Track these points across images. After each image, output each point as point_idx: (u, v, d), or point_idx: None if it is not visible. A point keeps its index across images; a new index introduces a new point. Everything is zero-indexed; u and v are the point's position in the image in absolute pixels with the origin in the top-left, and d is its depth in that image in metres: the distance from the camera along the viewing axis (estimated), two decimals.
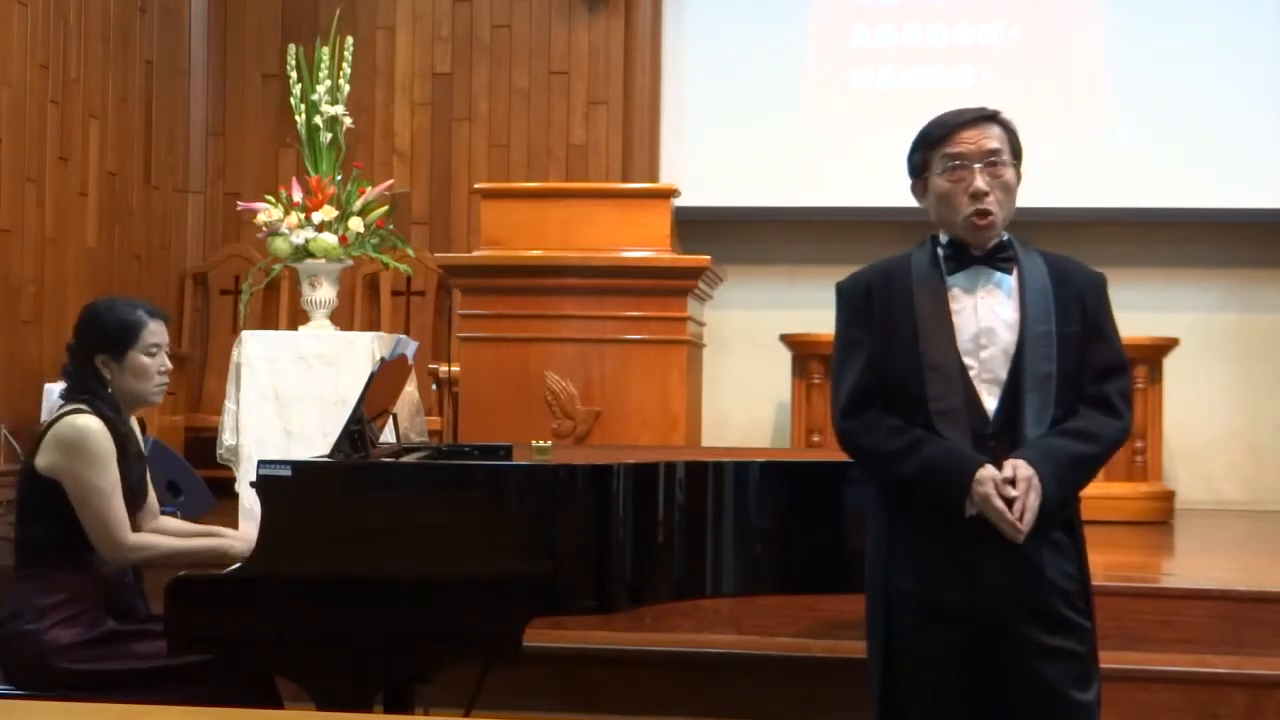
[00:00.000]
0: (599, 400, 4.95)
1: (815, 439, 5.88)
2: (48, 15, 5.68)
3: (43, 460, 3.12)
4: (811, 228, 6.91)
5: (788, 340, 6.15)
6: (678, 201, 5.24)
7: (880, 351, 2.71)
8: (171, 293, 6.76)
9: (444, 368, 5.79)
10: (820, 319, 6.21)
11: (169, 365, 3.27)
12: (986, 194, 2.66)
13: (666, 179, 6.65)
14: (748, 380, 6.76)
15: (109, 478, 3.11)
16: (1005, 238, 2.73)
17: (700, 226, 6.25)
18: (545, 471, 3.07)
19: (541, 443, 3.32)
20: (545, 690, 3.95)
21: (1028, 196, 2.87)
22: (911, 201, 2.84)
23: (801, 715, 3.94)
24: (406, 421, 4.33)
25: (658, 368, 4.93)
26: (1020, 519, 2.54)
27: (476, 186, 5.64)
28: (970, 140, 2.69)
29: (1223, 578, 4.32)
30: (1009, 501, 2.55)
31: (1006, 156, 2.71)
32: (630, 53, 6.83)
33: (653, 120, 6.87)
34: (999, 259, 2.71)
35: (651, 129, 6.86)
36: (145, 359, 3.20)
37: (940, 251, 2.74)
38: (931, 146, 2.73)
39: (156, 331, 3.22)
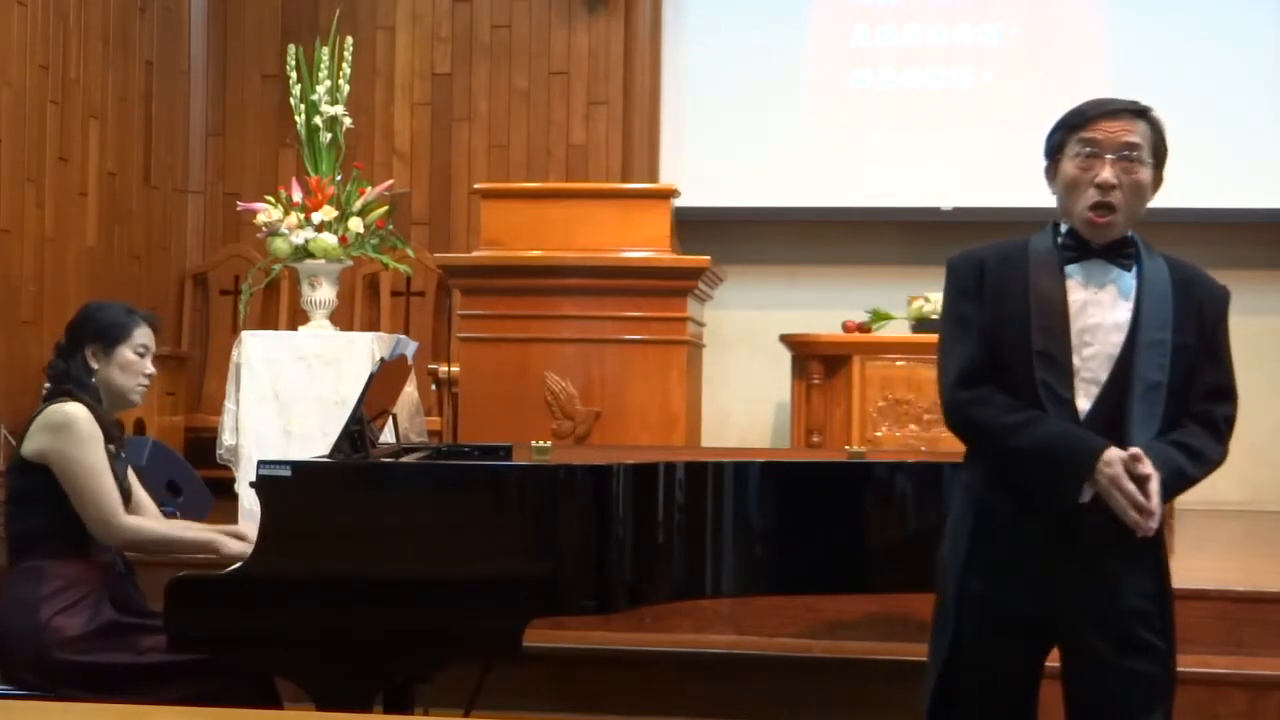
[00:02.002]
0: (599, 400, 4.95)
1: (815, 439, 5.88)
2: (48, 15, 5.68)
3: (29, 446, 3.17)
4: (811, 228, 6.91)
5: (787, 340, 6.14)
6: (678, 201, 5.24)
7: (990, 330, 2.60)
8: (171, 293, 6.76)
9: (444, 368, 5.79)
10: (820, 319, 6.31)
11: (153, 370, 3.37)
12: (1114, 187, 2.55)
13: (666, 179, 6.65)
14: (748, 380, 6.77)
15: (96, 458, 3.15)
16: (1130, 235, 2.62)
17: (700, 226, 6.25)
18: (545, 471, 3.07)
19: (541, 443, 3.32)
20: (545, 690, 3.96)
21: (1027, 197, 2.83)
22: (909, 202, 2.83)
23: (801, 715, 3.94)
24: (406, 422, 4.33)
25: (657, 368, 4.93)
26: (1153, 510, 2.43)
27: (476, 187, 5.64)
28: (1109, 130, 2.58)
29: (1221, 578, 4.32)
30: (1141, 483, 2.44)
31: (1145, 155, 2.59)
32: (630, 53, 6.83)
33: (653, 120, 6.87)
34: (1120, 255, 2.60)
35: (651, 129, 6.86)
36: (133, 356, 3.30)
37: (1059, 240, 2.62)
38: (1070, 130, 2.62)
39: (147, 334, 3.33)
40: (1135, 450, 2.47)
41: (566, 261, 4.98)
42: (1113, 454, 2.47)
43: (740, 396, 6.78)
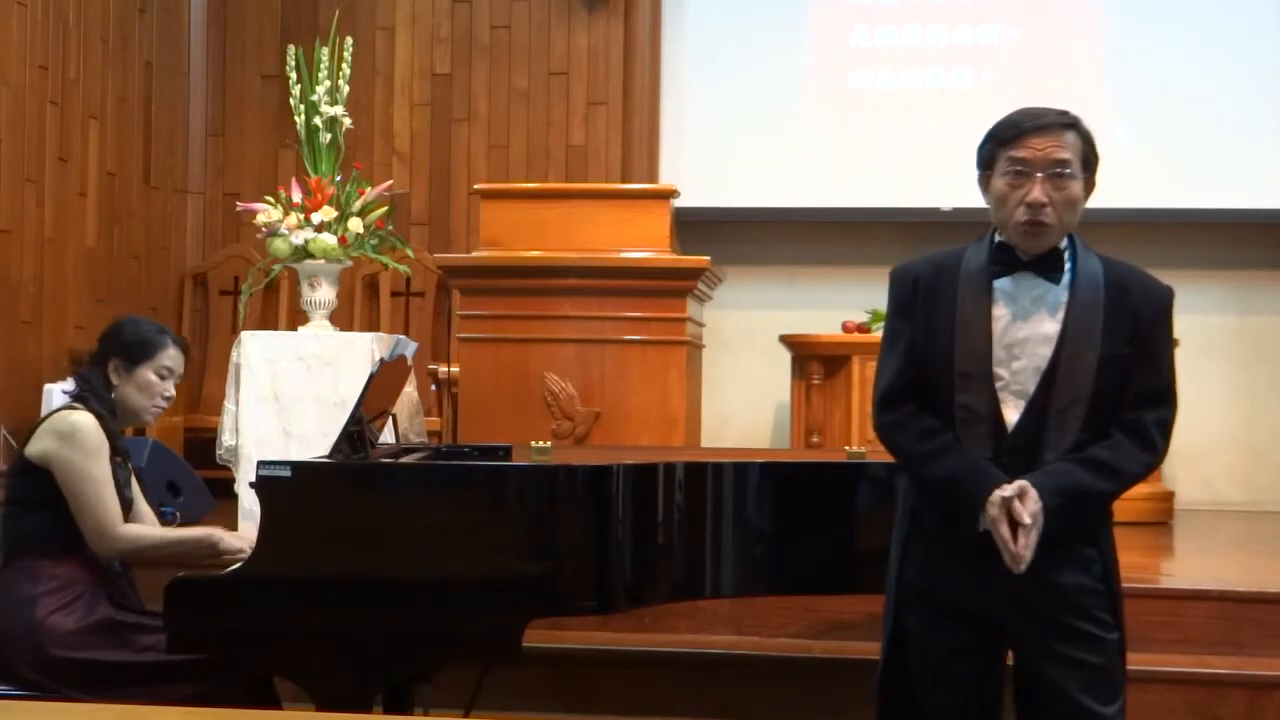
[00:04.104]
0: (598, 401, 4.95)
1: (815, 439, 5.88)
2: (47, 16, 5.68)
3: (35, 448, 3.18)
4: (811, 228, 6.91)
5: (787, 341, 6.15)
6: (677, 202, 5.24)
7: (920, 347, 2.66)
8: (171, 293, 6.76)
9: (443, 368, 5.79)
10: (820, 319, 6.31)
11: (173, 394, 3.36)
12: (1044, 205, 2.56)
13: (666, 179, 6.65)
14: (747, 381, 6.77)
15: (100, 469, 3.16)
16: (1063, 244, 2.63)
17: (700, 226, 6.25)
18: (545, 472, 3.07)
19: (541, 443, 3.32)
20: (544, 691, 3.95)
21: None
22: (908, 203, 2.83)
23: (801, 716, 3.94)
24: (406, 422, 4.33)
25: (657, 368, 4.93)
26: (1022, 555, 2.50)
27: (476, 187, 5.64)
28: (1039, 147, 2.57)
29: (1222, 578, 4.32)
30: (1018, 528, 2.51)
31: (1075, 169, 2.59)
32: (630, 53, 6.83)
33: (652, 121, 6.87)
34: (1050, 268, 2.61)
35: (651, 129, 6.86)
36: (153, 377, 3.29)
37: (990, 254, 2.65)
38: (1000, 144, 2.63)
39: (174, 357, 3.33)
40: (1021, 484, 2.52)
41: (566, 262, 4.98)
42: (996, 496, 2.53)
43: (740, 397, 6.78)
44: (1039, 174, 2.58)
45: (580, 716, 3.99)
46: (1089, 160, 2.63)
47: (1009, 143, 2.61)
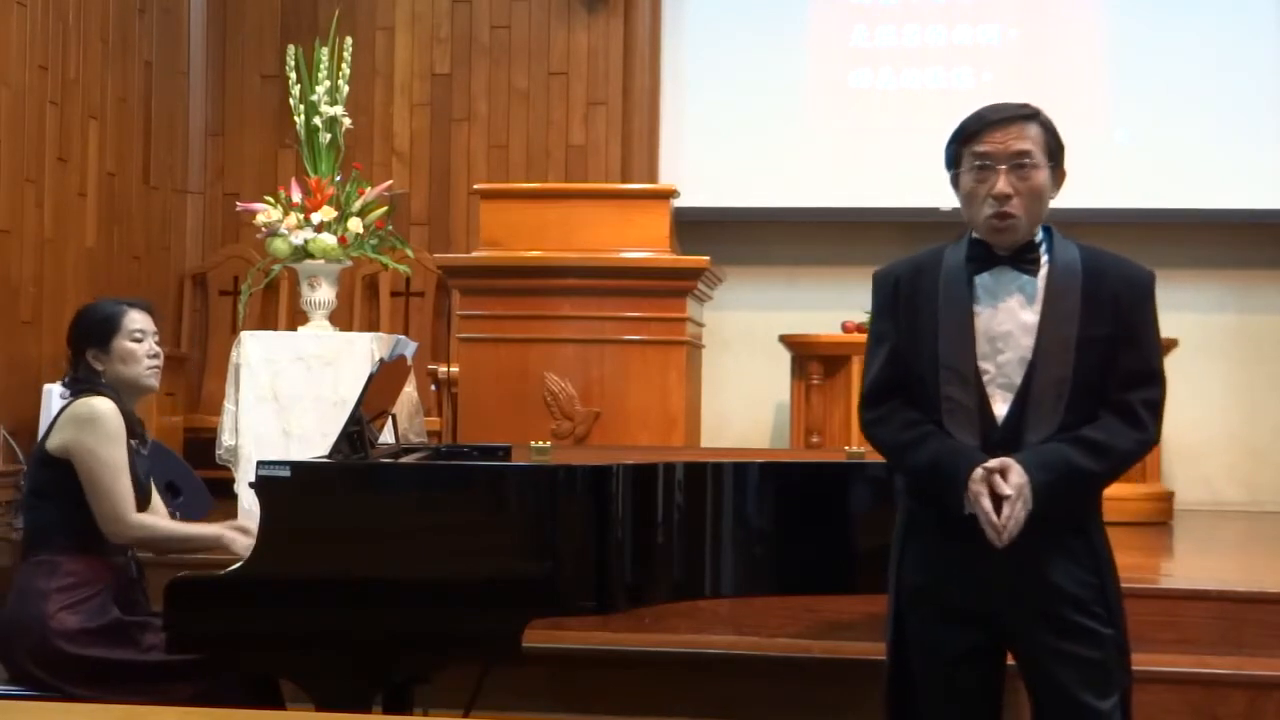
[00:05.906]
0: (598, 401, 4.95)
1: (814, 439, 5.88)
2: (47, 16, 5.68)
3: (55, 439, 3.19)
4: (811, 228, 6.92)
5: (787, 341, 6.15)
6: (677, 202, 5.24)
7: (904, 347, 2.70)
8: (171, 293, 6.76)
9: (443, 368, 5.78)
10: (820, 320, 6.31)
11: (158, 350, 3.34)
12: (1009, 197, 2.60)
13: (666, 179, 6.65)
14: (747, 381, 6.77)
15: (118, 454, 3.17)
16: (1037, 237, 2.66)
17: (700, 227, 6.25)
18: (544, 472, 3.07)
19: (541, 443, 3.32)
20: (544, 691, 3.95)
21: None
22: (908, 203, 2.84)
23: (801, 716, 3.94)
24: (405, 422, 4.33)
25: (657, 368, 4.93)
26: (1004, 527, 2.51)
27: (475, 187, 5.64)
28: (999, 140, 2.62)
29: (1222, 578, 4.32)
30: (1001, 500, 2.52)
31: (1038, 159, 2.62)
32: (629, 53, 6.83)
33: (652, 120, 6.87)
34: (1026, 260, 2.65)
35: (651, 129, 6.86)
36: (130, 344, 3.27)
37: (967, 251, 2.68)
38: (964, 142, 2.67)
39: (138, 319, 3.30)
40: (1004, 460, 2.54)
41: (566, 262, 4.98)
42: (978, 473, 2.55)
43: (740, 397, 6.78)
44: (1002, 166, 2.62)
45: (580, 716, 3.99)
46: (1053, 150, 2.67)
47: (972, 139, 2.66)
